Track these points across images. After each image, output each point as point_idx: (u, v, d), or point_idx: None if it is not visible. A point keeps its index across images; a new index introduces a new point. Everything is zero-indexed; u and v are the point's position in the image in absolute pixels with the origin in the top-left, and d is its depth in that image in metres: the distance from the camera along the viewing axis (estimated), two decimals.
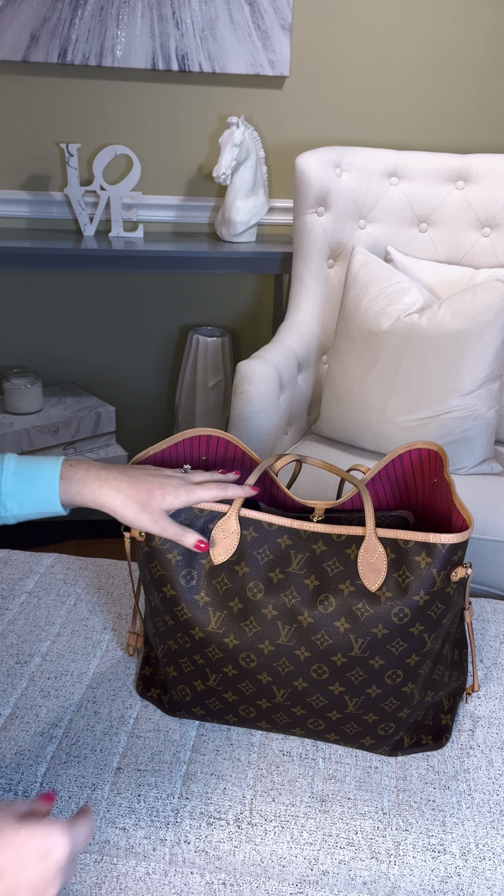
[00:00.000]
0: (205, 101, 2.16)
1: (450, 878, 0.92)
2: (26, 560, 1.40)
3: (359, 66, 2.15)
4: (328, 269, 2.02)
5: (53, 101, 2.12)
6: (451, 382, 1.69)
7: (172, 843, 0.95)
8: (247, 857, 0.94)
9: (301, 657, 0.97)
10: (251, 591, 0.99)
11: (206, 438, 1.11)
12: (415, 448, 1.11)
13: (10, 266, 1.99)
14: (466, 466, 1.74)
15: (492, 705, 1.12)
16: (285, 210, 2.26)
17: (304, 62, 2.14)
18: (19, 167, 2.18)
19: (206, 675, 1.02)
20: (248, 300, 2.38)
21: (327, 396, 1.87)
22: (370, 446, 1.80)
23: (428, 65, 2.17)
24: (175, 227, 2.28)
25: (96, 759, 1.01)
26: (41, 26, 2.01)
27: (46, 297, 2.32)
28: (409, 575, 0.96)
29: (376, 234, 2.01)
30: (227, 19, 2.04)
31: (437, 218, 1.99)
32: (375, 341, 1.76)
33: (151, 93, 2.14)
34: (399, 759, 1.04)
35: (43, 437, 2.18)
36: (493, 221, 1.95)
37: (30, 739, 1.04)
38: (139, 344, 2.40)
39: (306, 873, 0.94)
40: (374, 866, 0.93)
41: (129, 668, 1.16)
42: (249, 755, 1.03)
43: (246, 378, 1.69)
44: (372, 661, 0.97)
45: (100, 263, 2.01)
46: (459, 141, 2.25)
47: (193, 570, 1.01)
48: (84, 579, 1.35)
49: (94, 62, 2.06)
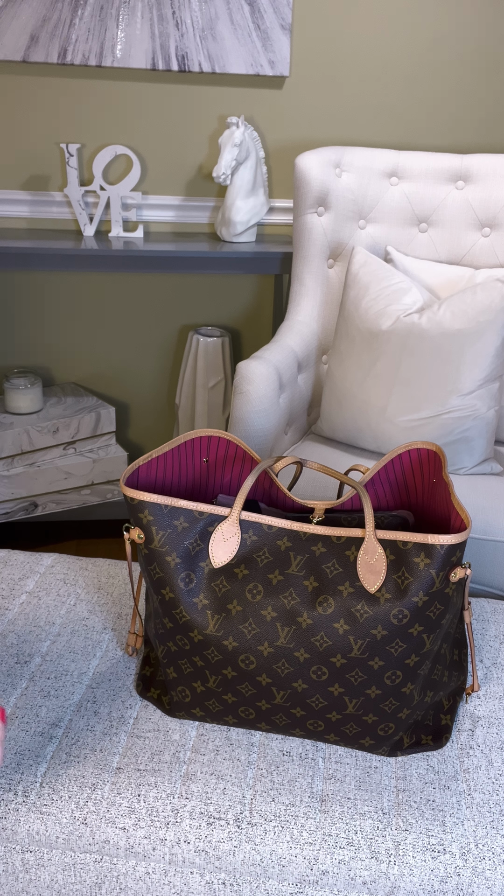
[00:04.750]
0: (205, 101, 2.16)
1: (450, 877, 0.92)
2: (26, 560, 1.40)
3: (359, 66, 2.15)
4: (328, 270, 2.02)
5: (53, 101, 2.12)
6: (450, 382, 1.69)
7: (172, 843, 0.95)
8: (247, 857, 0.94)
9: (300, 658, 0.98)
10: (250, 592, 1.00)
11: (206, 439, 1.12)
12: (414, 448, 1.11)
13: (10, 266, 1.99)
14: (466, 466, 1.74)
15: (492, 705, 1.12)
16: (285, 210, 2.26)
17: (304, 62, 2.14)
18: (19, 167, 2.18)
19: (205, 676, 1.02)
20: (248, 300, 2.38)
21: (327, 396, 1.87)
22: (370, 446, 1.80)
23: (428, 65, 2.17)
24: (175, 227, 2.28)
25: (96, 759, 1.01)
26: (41, 26, 2.01)
27: (46, 297, 2.32)
28: (408, 576, 0.96)
29: (376, 234, 2.01)
30: (227, 19, 2.04)
31: (437, 218, 1.99)
32: (375, 341, 1.76)
33: (151, 93, 2.14)
34: (399, 759, 1.04)
35: (43, 437, 2.18)
36: (493, 221, 1.95)
37: (30, 739, 1.04)
38: (139, 344, 2.40)
39: (306, 873, 0.94)
40: (374, 866, 0.93)
41: (129, 668, 1.16)
42: (249, 755, 1.03)
43: (246, 378, 1.69)
44: (371, 662, 0.97)
45: (100, 263, 2.01)
46: (459, 141, 2.25)
47: (193, 573, 1.01)
48: (84, 579, 1.35)
49: (94, 62, 2.06)
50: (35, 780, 0.99)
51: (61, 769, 1.00)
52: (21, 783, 0.98)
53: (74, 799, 0.97)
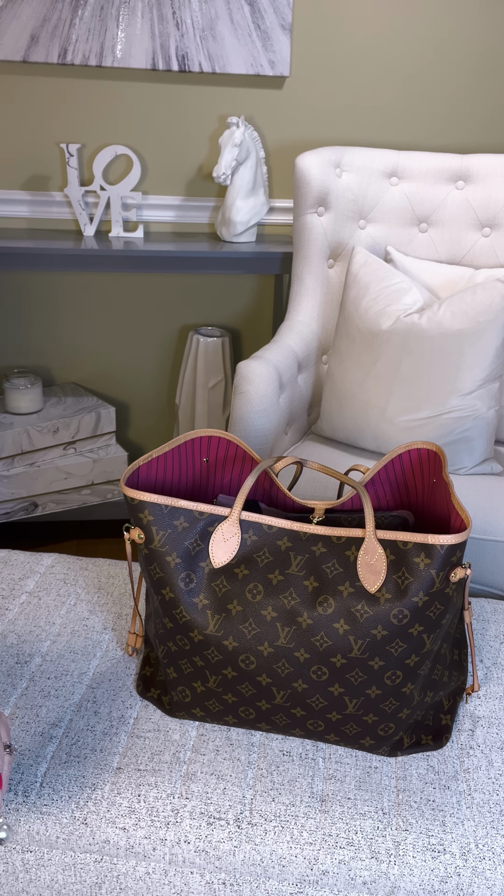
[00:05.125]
0: (205, 101, 2.16)
1: (450, 877, 0.92)
2: (26, 560, 1.40)
3: (359, 66, 2.15)
4: (328, 270, 2.02)
5: (53, 101, 2.12)
6: (450, 382, 1.69)
7: (172, 843, 0.95)
8: (247, 857, 0.94)
9: (300, 659, 0.98)
10: (250, 592, 1.00)
11: (206, 439, 1.12)
12: (414, 448, 1.11)
13: (10, 266, 1.99)
14: (466, 466, 1.74)
15: (492, 705, 1.12)
16: (285, 210, 2.26)
17: (304, 62, 2.14)
18: (19, 167, 2.18)
19: (205, 676, 1.02)
20: (248, 300, 2.38)
21: (327, 396, 1.87)
22: (370, 446, 1.80)
23: (428, 65, 2.17)
24: (175, 227, 2.28)
25: (96, 759, 1.01)
26: (41, 26, 2.01)
27: (46, 297, 2.32)
28: (408, 576, 0.96)
29: (376, 234, 2.02)
30: (227, 19, 2.04)
31: (437, 218, 1.99)
32: (375, 341, 1.76)
33: (151, 93, 2.14)
34: (399, 759, 1.04)
35: (43, 437, 2.18)
36: (493, 221, 1.95)
37: (30, 739, 1.04)
38: (139, 344, 2.40)
39: (306, 873, 0.94)
40: (374, 866, 0.93)
41: (129, 668, 1.16)
42: (249, 755, 1.03)
43: (246, 378, 1.69)
44: (371, 662, 0.97)
45: (100, 263, 2.01)
46: (459, 141, 2.25)
47: (193, 573, 1.01)
48: (84, 579, 1.35)
49: (94, 62, 2.06)
50: (35, 780, 0.99)
51: (61, 769, 1.00)
52: (21, 783, 0.98)
53: (74, 799, 0.97)
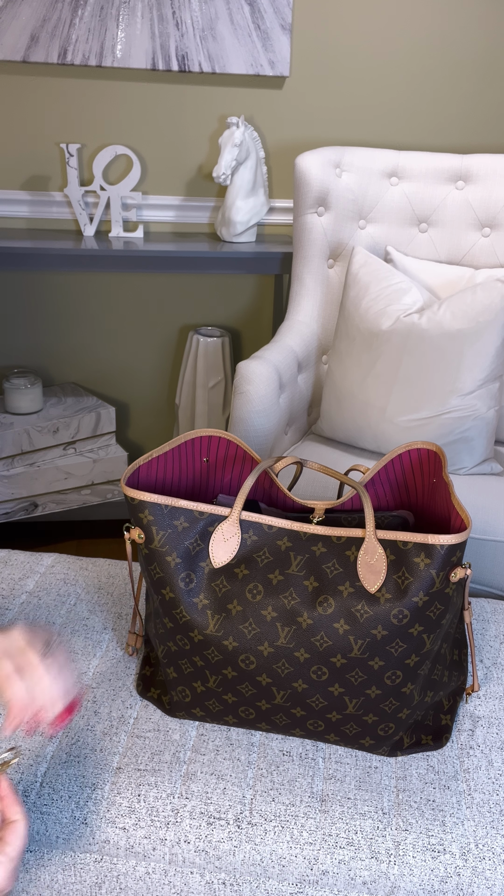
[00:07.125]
0: (205, 101, 2.16)
1: (450, 877, 0.92)
2: (26, 560, 1.40)
3: (359, 66, 2.15)
4: (328, 270, 2.02)
5: (53, 101, 2.12)
6: (450, 382, 1.69)
7: (172, 843, 0.95)
8: (247, 857, 0.94)
9: (300, 658, 0.98)
10: (250, 592, 1.00)
11: (206, 439, 1.12)
12: (414, 448, 1.12)
13: (10, 266, 1.99)
14: (466, 466, 1.74)
15: (492, 705, 1.12)
16: (285, 210, 2.26)
17: (304, 62, 2.14)
18: (19, 167, 2.18)
19: (205, 676, 1.02)
20: (248, 300, 2.38)
21: (327, 396, 1.87)
22: (370, 446, 1.80)
23: (428, 65, 2.17)
24: (175, 227, 2.28)
25: (96, 758, 1.01)
26: (41, 26, 2.01)
27: (46, 297, 2.32)
28: (408, 576, 0.96)
29: (376, 234, 2.01)
30: (227, 19, 2.04)
31: (437, 218, 1.99)
32: (375, 341, 1.76)
33: (151, 93, 2.14)
34: (399, 759, 1.04)
35: (43, 437, 2.18)
36: (493, 221, 1.95)
37: (30, 739, 1.04)
38: (139, 344, 2.40)
39: (306, 873, 0.94)
40: (374, 866, 0.93)
41: (129, 668, 1.16)
42: (249, 755, 1.03)
43: (246, 378, 1.69)
44: (371, 662, 0.97)
45: (100, 263, 2.01)
46: (459, 141, 2.25)
47: (193, 573, 1.01)
48: (84, 579, 1.35)
49: (94, 62, 2.06)
50: (35, 780, 0.99)
51: (61, 769, 1.00)
52: (21, 783, 0.98)
53: (74, 799, 0.97)
